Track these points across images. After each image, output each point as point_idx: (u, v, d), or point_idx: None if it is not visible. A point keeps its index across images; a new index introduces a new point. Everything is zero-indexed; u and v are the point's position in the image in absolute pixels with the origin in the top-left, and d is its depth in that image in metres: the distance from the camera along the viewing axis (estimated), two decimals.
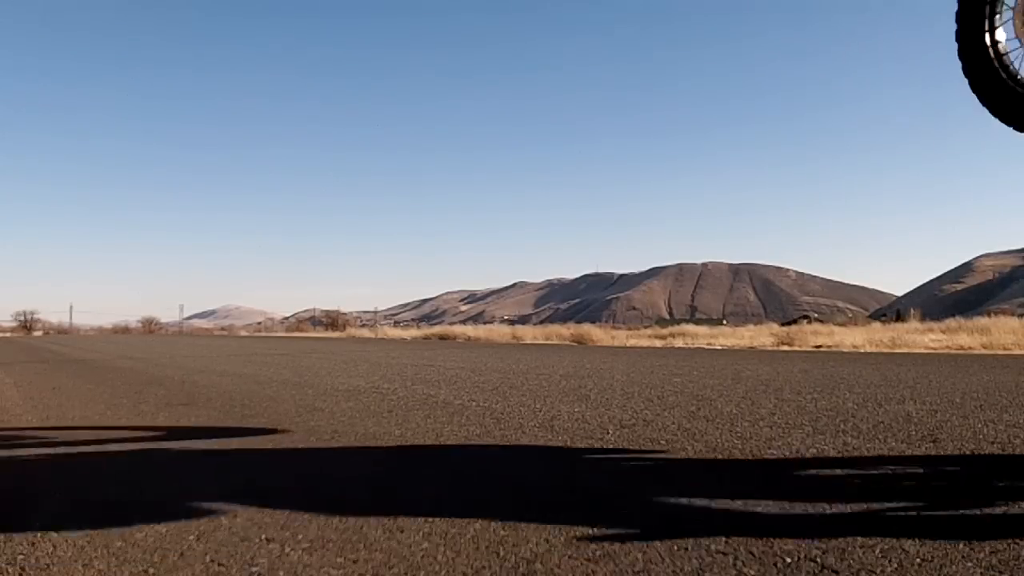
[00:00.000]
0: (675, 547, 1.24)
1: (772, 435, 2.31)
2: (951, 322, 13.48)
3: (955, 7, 2.46)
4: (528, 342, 15.87)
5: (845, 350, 9.35)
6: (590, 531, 1.33)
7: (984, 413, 2.77)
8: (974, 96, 2.20)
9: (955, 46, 2.30)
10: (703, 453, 2.03)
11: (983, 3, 2.48)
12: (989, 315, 13.43)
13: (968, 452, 2.00)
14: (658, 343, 13.71)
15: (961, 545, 1.22)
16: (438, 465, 1.96)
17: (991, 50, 2.24)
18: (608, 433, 2.40)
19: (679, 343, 13.39)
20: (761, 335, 13.50)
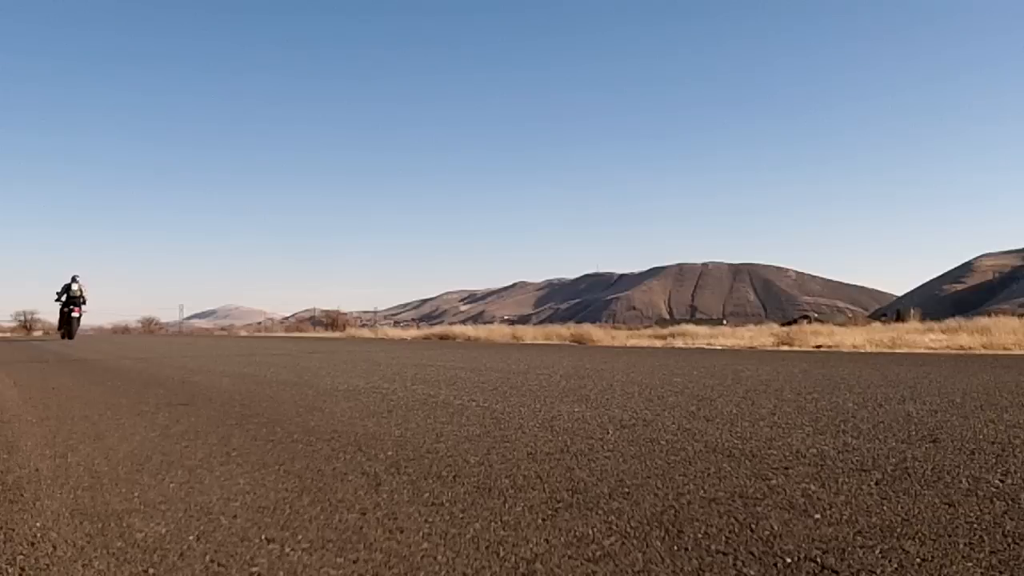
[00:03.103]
0: (675, 547, 1.23)
1: (772, 435, 2.31)
2: (951, 322, 13.47)
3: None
4: (528, 342, 15.85)
5: (845, 350, 9.34)
6: (590, 531, 1.33)
7: (984, 413, 2.77)
8: None
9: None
10: (703, 453, 2.03)
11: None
12: (989, 315, 13.42)
13: (968, 452, 2.00)
14: (658, 343, 13.70)
15: (961, 545, 1.22)
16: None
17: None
18: (608, 433, 2.40)
19: (679, 343, 13.38)
20: (761, 335, 13.48)
